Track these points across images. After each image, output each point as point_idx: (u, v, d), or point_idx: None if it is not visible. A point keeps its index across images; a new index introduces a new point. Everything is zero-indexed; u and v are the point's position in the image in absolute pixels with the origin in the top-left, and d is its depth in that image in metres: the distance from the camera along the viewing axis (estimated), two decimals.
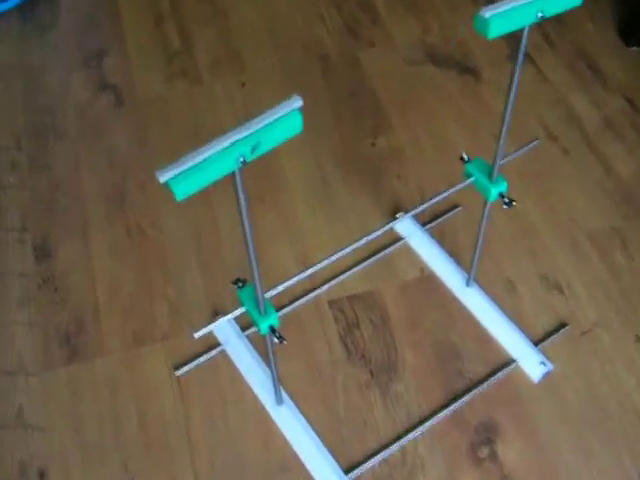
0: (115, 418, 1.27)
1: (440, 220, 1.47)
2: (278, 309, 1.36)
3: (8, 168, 1.59)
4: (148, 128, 1.64)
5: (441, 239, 1.45)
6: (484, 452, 1.23)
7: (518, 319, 1.35)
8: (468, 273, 1.36)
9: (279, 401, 1.25)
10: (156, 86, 1.71)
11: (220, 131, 0.75)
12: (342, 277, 1.41)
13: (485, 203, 1.20)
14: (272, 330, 1.04)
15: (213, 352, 1.32)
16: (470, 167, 1.17)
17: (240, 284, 1.04)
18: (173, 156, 0.74)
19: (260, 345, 1.30)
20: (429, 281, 1.41)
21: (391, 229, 1.45)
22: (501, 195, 1.16)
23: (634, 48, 1.72)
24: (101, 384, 1.31)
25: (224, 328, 1.34)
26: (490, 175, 1.14)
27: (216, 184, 0.77)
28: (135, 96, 1.69)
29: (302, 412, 1.26)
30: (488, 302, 1.36)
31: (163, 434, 1.25)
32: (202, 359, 1.32)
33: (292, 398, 1.27)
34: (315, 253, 1.44)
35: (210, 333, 1.34)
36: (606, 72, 1.70)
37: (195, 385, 1.30)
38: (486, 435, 1.25)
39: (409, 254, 1.44)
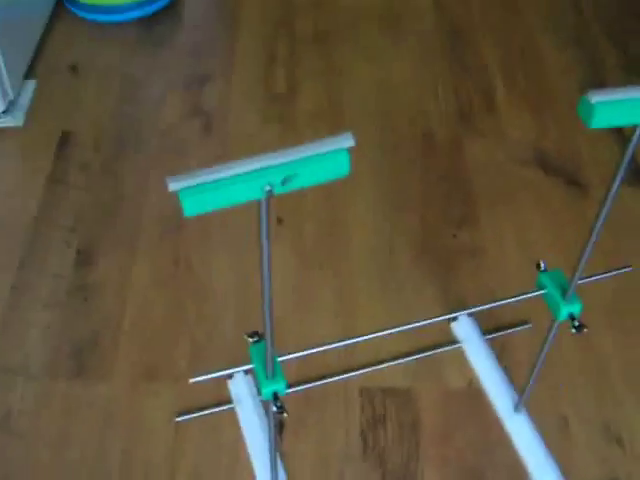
0: (99, 449, 1.16)
1: (504, 333, 1.33)
2: (306, 382, 1.24)
3: (78, 167, 1.55)
4: (229, 159, 1.57)
5: (500, 353, 1.29)
6: None
7: (565, 464, 1.17)
8: (519, 397, 1.20)
9: (275, 479, 1.12)
10: (249, 124, 1.66)
11: None
12: (382, 365, 1.28)
13: (553, 322, 1.05)
14: (275, 397, 0.92)
15: (221, 408, 1.21)
16: (544, 277, 1.03)
17: (255, 338, 0.93)
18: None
19: None
20: (475, 396, 1.25)
21: (448, 329, 1.32)
22: (572, 317, 1.01)
23: None
24: (97, 409, 1.21)
25: (240, 385, 1.23)
26: (564, 291, 1.00)
27: None
28: (225, 128, 1.64)
29: None
30: (535, 437, 1.19)
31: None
32: (208, 412, 1.21)
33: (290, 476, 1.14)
34: (360, 331, 1.32)
35: (225, 388, 1.23)
36: None
37: (193, 438, 1.18)
38: None
39: (461, 360, 1.29)
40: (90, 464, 1.14)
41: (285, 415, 0.91)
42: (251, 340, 0.93)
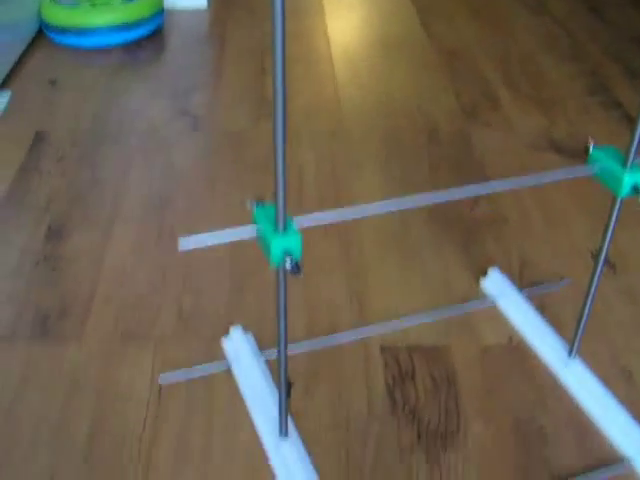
0: (63, 417, 0.93)
1: (542, 288, 1.15)
2: (317, 340, 1.04)
3: (54, 159, 1.41)
4: (216, 153, 1.44)
5: (541, 310, 1.11)
6: None
7: (636, 411, 0.96)
8: (572, 344, 1.00)
9: (283, 432, 0.89)
10: (242, 122, 1.54)
11: None
12: (406, 324, 1.08)
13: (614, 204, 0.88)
14: (288, 257, 0.72)
15: (214, 366, 1.00)
16: (596, 153, 0.88)
17: (260, 204, 0.76)
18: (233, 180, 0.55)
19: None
20: (518, 350, 1.05)
21: (476, 288, 1.14)
22: (636, 189, 0.85)
23: None
24: (63, 374, 0.99)
25: (238, 343, 1.02)
26: (623, 163, 0.85)
27: None
28: (214, 125, 1.52)
29: (311, 458, 0.89)
30: (596, 383, 0.99)
31: (114, 451, 0.90)
32: (198, 372, 0.99)
33: (302, 439, 0.91)
34: (374, 294, 1.14)
35: (217, 351, 1.02)
36: None
37: (179, 401, 0.96)
38: None
39: (496, 317, 1.10)
40: (49, 436, 0.91)
41: (301, 275, 0.72)
42: (256, 205, 0.75)
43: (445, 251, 1.22)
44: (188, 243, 0.72)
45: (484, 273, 1.16)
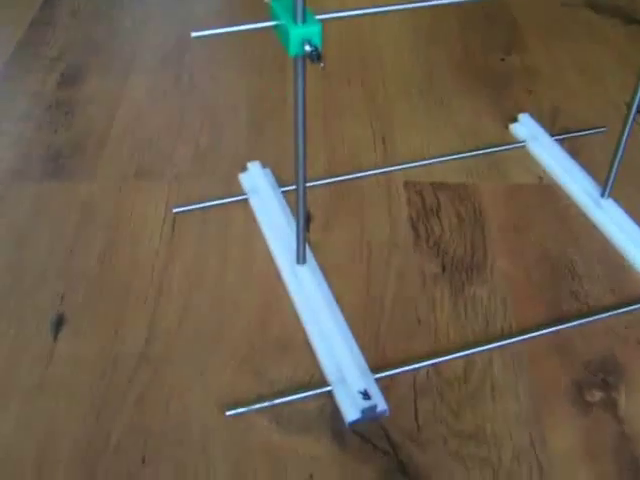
0: (75, 246, 0.90)
1: (576, 134, 1.09)
2: (338, 175, 1.00)
3: (68, 13, 1.35)
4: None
5: (574, 155, 1.05)
6: (595, 396, 0.77)
7: None
8: (604, 185, 0.95)
9: (301, 259, 0.85)
10: None
11: None
12: (431, 161, 1.03)
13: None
14: (307, 43, 0.67)
15: (231, 199, 0.96)
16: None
17: None
18: None
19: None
20: (548, 190, 1.00)
21: (506, 134, 1.08)
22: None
23: None
24: (75, 207, 0.96)
25: (255, 178, 0.98)
26: None
27: None
28: None
29: (331, 285, 0.86)
30: (630, 222, 0.94)
31: (127, 275, 0.87)
32: (214, 202, 0.96)
33: (321, 268, 0.88)
34: (399, 136, 1.09)
35: (234, 185, 0.98)
36: None
37: (193, 230, 0.93)
38: (603, 376, 0.79)
39: (527, 159, 1.05)
40: (59, 259, 0.88)
41: (322, 65, 0.67)
42: None
43: (474, 100, 1.16)
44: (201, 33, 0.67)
45: (515, 120, 1.10)
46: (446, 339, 0.82)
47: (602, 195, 0.96)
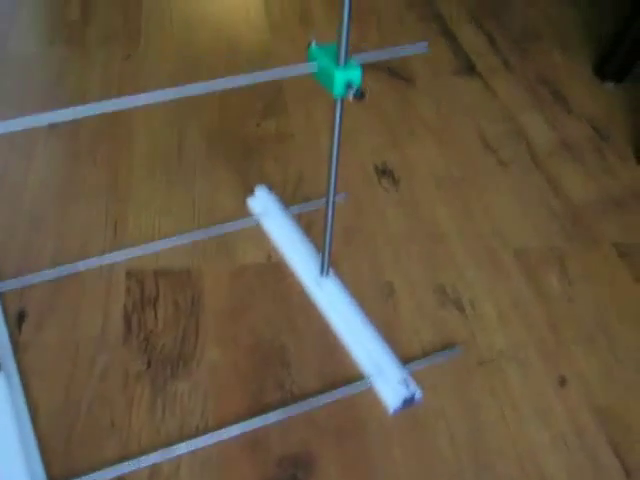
0: None
1: (310, 205, 1.08)
2: (60, 268, 0.96)
3: None
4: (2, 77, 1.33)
5: (307, 229, 1.04)
6: None
7: (388, 330, 0.91)
8: (322, 262, 0.94)
9: None
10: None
11: None
12: (158, 246, 1.01)
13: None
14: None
15: None
16: (315, 50, 0.81)
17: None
18: None
19: None
20: (275, 269, 0.99)
21: (245, 210, 1.07)
22: (350, 86, 0.78)
23: (610, 84, 1.39)
24: None
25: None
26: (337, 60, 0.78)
27: None
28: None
29: (31, 390, 0.82)
30: (347, 301, 0.93)
31: None
32: None
33: (26, 371, 0.84)
34: (133, 216, 1.06)
35: None
36: (572, 100, 1.35)
37: None
38: (292, 471, 0.78)
39: (258, 235, 1.03)
40: None
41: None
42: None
43: (220, 172, 1.14)
44: None
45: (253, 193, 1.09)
46: (137, 444, 0.79)
47: (321, 273, 0.95)
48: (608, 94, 1.37)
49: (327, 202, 0.88)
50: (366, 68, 0.75)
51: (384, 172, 1.15)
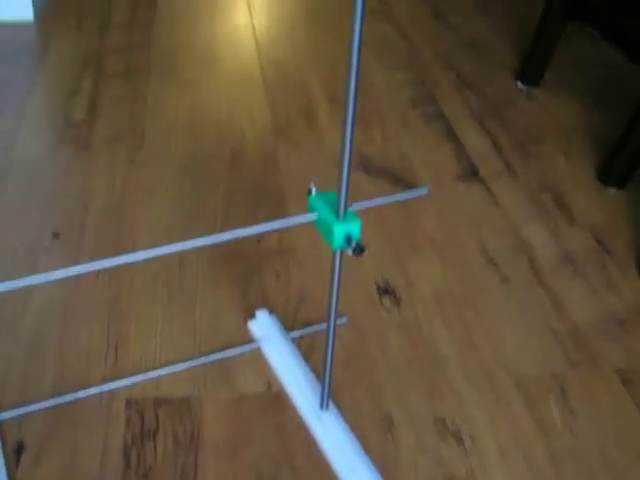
0: None
1: (312, 328, 1.08)
2: (59, 397, 0.96)
3: None
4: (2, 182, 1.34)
5: (308, 354, 1.04)
6: None
7: (386, 466, 0.91)
8: (321, 396, 0.94)
9: None
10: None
11: None
12: (158, 373, 1.01)
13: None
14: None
15: None
16: (315, 200, 0.82)
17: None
18: None
19: None
20: (275, 399, 0.99)
21: (246, 332, 1.07)
22: (349, 240, 0.79)
23: (612, 190, 1.40)
24: None
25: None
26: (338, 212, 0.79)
27: None
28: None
29: None
30: (346, 438, 0.93)
31: None
32: None
33: None
34: (133, 342, 1.06)
35: None
36: (575, 208, 1.36)
37: None
38: None
39: (259, 362, 1.03)
40: None
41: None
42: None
43: (221, 292, 1.14)
44: None
45: (254, 317, 1.10)
46: None
47: (321, 407, 0.95)
48: (611, 200, 1.38)
49: (327, 337, 0.88)
50: (369, 175, 0.77)
51: (386, 291, 1.16)
